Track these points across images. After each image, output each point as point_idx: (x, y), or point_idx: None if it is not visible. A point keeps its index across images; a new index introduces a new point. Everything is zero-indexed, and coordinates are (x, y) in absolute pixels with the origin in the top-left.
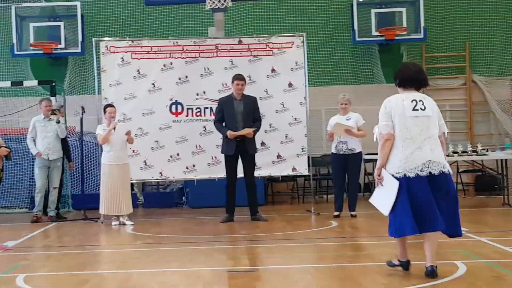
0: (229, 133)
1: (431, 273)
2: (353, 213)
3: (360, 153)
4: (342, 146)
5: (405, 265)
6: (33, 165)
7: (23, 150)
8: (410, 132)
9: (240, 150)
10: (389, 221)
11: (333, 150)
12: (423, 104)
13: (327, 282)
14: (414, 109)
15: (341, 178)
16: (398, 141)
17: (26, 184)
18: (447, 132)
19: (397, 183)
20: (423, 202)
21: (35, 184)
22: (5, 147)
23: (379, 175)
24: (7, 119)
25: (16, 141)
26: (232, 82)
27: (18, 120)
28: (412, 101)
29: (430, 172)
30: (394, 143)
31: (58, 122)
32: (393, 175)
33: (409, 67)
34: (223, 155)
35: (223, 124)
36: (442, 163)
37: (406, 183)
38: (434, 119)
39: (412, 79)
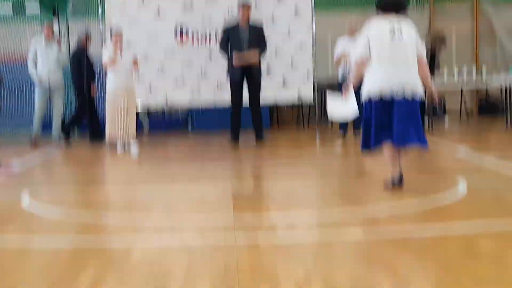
0: (235, 61)
1: (400, 181)
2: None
3: None
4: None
5: (399, 180)
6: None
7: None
8: (388, 55)
9: (246, 76)
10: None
11: (340, 80)
12: (401, 30)
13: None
14: (392, 34)
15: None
16: (375, 64)
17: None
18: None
19: (353, 100)
20: (397, 121)
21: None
22: None
23: (345, 90)
24: (10, 46)
25: (21, 67)
26: (238, 8)
27: (21, 47)
28: (391, 28)
29: (404, 95)
30: (371, 66)
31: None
32: (369, 96)
33: None
34: (228, 83)
35: (228, 50)
36: (416, 89)
37: (379, 104)
38: (411, 45)
39: (391, 3)
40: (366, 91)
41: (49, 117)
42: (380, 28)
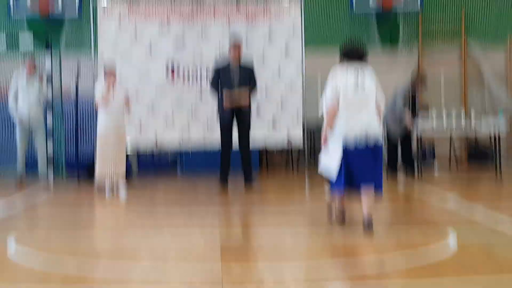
0: (225, 103)
1: (368, 226)
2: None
3: None
4: None
5: (342, 216)
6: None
7: None
8: (352, 102)
9: (236, 118)
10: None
11: None
12: (363, 78)
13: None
14: (355, 84)
15: None
16: (341, 111)
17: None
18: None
19: (339, 150)
20: (360, 165)
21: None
22: None
23: (324, 142)
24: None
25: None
26: (229, 48)
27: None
28: (354, 76)
29: (366, 142)
30: (338, 115)
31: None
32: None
33: (350, 42)
34: (218, 124)
35: (219, 90)
36: (377, 136)
37: (345, 150)
38: (372, 95)
39: (354, 52)
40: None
41: (33, 154)
42: (345, 79)
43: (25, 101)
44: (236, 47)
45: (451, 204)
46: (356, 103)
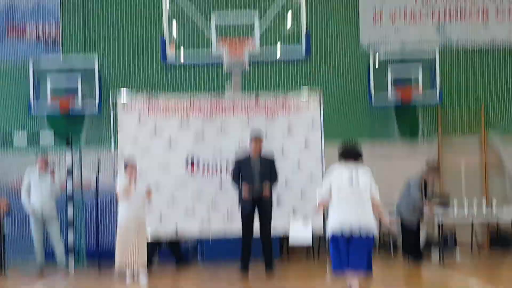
0: (244, 189)
1: None
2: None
3: None
4: None
5: None
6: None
7: None
8: (345, 198)
9: (257, 207)
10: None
11: None
12: (357, 175)
13: None
14: (350, 180)
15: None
16: (335, 204)
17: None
18: None
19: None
20: (349, 253)
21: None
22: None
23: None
24: (22, 174)
25: None
26: (250, 140)
27: None
28: (349, 173)
29: (360, 233)
30: (332, 205)
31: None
32: (332, 232)
33: (347, 144)
34: (238, 212)
35: (240, 182)
36: (370, 228)
37: (339, 239)
38: (366, 190)
39: (349, 152)
40: (330, 228)
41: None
42: (340, 175)
43: (38, 196)
44: (257, 140)
45: None
46: (350, 196)
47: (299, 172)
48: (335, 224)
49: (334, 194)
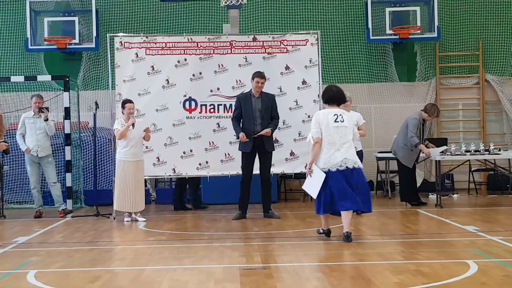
0: (241, 136)
1: (347, 238)
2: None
3: (360, 151)
4: None
5: (327, 233)
6: (24, 161)
7: None
8: (332, 137)
9: (257, 148)
10: (315, 203)
11: None
12: (342, 117)
13: (339, 280)
14: (335, 121)
15: None
16: (324, 144)
17: None
18: None
19: (323, 175)
20: (341, 189)
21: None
22: (3, 141)
23: (310, 169)
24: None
25: None
26: (252, 79)
27: None
28: (334, 115)
29: (347, 167)
30: (321, 145)
31: (46, 120)
32: (321, 169)
33: (332, 89)
34: (236, 152)
35: (241, 121)
36: (355, 160)
37: (329, 176)
38: (350, 129)
39: (334, 97)
40: (321, 164)
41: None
42: (326, 116)
43: (33, 137)
44: (260, 79)
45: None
46: (337, 135)
47: (297, 111)
48: (325, 163)
49: (323, 134)
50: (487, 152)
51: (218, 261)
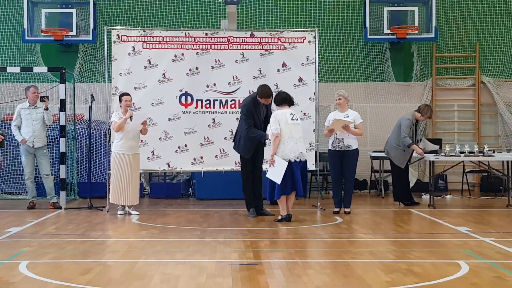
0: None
1: (289, 218)
2: (347, 209)
3: (356, 150)
4: (339, 143)
5: (288, 218)
6: (19, 152)
7: None
8: (291, 133)
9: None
10: (275, 189)
11: (330, 147)
12: (296, 116)
13: (331, 278)
14: (292, 119)
15: (338, 174)
16: (284, 138)
17: None
18: None
19: (285, 163)
20: (296, 177)
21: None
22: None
23: (272, 160)
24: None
25: None
26: (260, 98)
27: None
28: (290, 114)
29: (300, 159)
30: (282, 139)
31: (46, 108)
32: (284, 159)
33: (282, 92)
34: (230, 147)
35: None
36: (305, 155)
37: (288, 165)
38: (301, 126)
39: (286, 99)
40: (282, 156)
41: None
42: (284, 115)
43: (29, 129)
44: (270, 98)
45: (463, 235)
46: (293, 132)
47: (293, 108)
48: (286, 153)
49: (283, 130)
50: (481, 154)
51: (210, 256)
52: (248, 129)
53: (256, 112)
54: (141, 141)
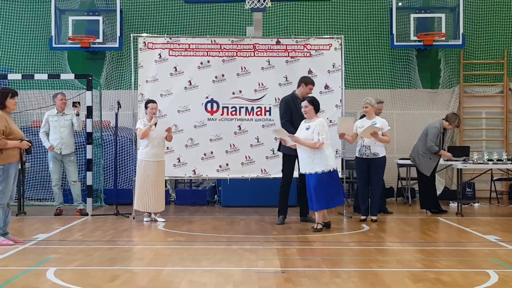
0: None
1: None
2: (373, 217)
3: (383, 157)
4: (366, 150)
5: (328, 225)
6: (46, 159)
7: None
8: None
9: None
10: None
11: (357, 154)
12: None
13: (358, 287)
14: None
15: (365, 182)
16: (330, 147)
17: None
18: None
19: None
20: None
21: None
22: (27, 140)
23: (294, 139)
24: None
25: None
26: (305, 84)
27: None
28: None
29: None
30: (328, 147)
31: (77, 114)
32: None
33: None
34: (256, 154)
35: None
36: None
37: (335, 173)
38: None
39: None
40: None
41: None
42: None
43: (57, 136)
44: (312, 87)
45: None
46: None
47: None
48: (333, 162)
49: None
50: (510, 162)
51: (236, 263)
52: (284, 124)
53: (295, 107)
54: (167, 148)
